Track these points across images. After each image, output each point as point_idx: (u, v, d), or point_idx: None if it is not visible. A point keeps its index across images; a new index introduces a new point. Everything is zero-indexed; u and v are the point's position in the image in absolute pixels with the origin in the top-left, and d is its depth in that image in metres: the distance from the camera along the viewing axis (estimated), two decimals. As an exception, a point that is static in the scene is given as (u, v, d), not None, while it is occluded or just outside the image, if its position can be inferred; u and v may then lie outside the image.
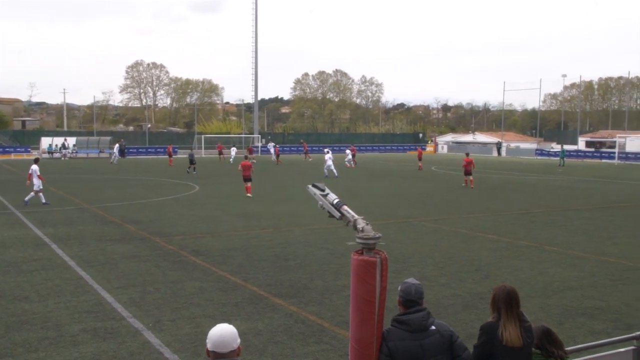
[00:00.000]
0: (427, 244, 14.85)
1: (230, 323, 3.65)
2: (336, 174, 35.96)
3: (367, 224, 4.19)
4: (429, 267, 12.18)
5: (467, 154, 32.27)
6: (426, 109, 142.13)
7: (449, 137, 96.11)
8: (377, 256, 4.03)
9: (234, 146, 59.35)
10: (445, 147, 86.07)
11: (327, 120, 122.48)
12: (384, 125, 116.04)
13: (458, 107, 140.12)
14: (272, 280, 10.96)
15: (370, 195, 26.28)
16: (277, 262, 12.59)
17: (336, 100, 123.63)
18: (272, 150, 53.06)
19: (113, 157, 53.44)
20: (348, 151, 48.43)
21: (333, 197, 4.55)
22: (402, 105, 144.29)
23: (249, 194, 24.92)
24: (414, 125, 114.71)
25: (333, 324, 8.51)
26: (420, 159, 45.08)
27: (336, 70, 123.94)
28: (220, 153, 56.55)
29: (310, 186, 4.78)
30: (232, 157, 54.26)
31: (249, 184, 25.40)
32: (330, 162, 36.87)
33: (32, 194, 22.04)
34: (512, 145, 79.58)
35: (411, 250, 13.97)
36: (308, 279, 11.13)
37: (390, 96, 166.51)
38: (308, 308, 9.25)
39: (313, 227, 17.25)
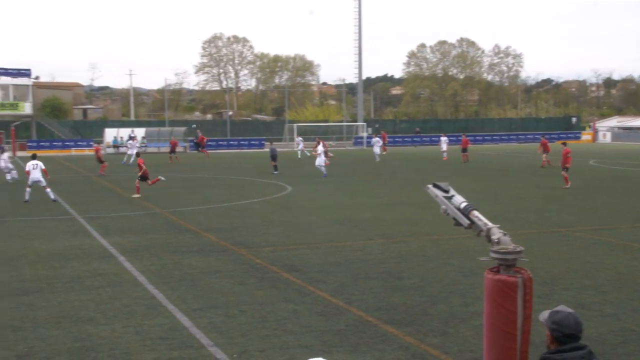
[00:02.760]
0: (584, 260, 14.31)
1: (331, 355, 3.71)
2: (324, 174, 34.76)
3: (504, 235, 4.12)
4: (588, 291, 11.73)
5: (564, 143, 32.06)
6: (581, 85, 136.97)
7: (614, 122, 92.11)
8: (519, 275, 3.94)
9: (299, 137, 59.30)
10: (609, 134, 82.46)
11: (449, 103, 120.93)
12: (524, 107, 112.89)
13: (627, 81, 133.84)
14: (382, 304, 10.98)
15: (506, 198, 25.69)
16: (389, 280, 12.59)
17: (461, 77, 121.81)
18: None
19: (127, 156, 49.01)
20: (299, 139, 55.25)
21: (460, 200, 4.51)
22: (548, 81, 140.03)
23: (137, 195, 26.71)
24: (565, 106, 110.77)
25: (460, 361, 8.40)
26: (546, 150, 41.31)
27: (461, 39, 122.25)
28: (172, 151, 52.09)
29: (430, 186, 4.76)
30: (301, 149, 54.99)
31: (141, 183, 27.22)
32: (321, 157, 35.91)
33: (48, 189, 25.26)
34: None
35: (562, 268, 13.52)
36: (428, 302, 11.06)
37: (532, 70, 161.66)
38: (428, 340, 9.19)
39: (434, 237, 17.10)
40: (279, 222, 19.96)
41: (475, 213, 4.39)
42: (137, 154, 29.86)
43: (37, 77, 77.98)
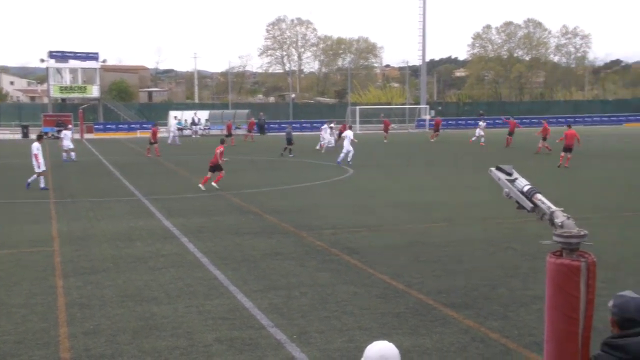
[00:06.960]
0: (652, 246, 13.91)
1: (391, 337, 3.70)
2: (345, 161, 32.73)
3: (568, 218, 4.04)
4: (655, 277, 11.41)
5: (569, 126, 33.08)
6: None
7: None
8: (582, 260, 3.86)
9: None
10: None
11: (514, 85, 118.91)
12: (592, 89, 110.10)
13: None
14: (442, 287, 10.92)
15: (571, 182, 25.14)
16: (450, 264, 12.51)
17: (527, 59, 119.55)
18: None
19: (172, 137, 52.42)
20: (325, 126, 44.41)
21: (523, 183, 4.44)
22: (617, 62, 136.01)
23: (201, 185, 23.64)
24: (635, 88, 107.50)
25: (521, 345, 8.31)
26: (545, 137, 37.95)
27: (528, 20, 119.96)
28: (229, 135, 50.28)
29: (493, 169, 4.69)
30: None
31: (210, 174, 24.04)
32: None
33: (35, 176, 24.11)
34: None
35: (628, 253, 13.21)
36: (488, 286, 10.95)
37: (601, 51, 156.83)
38: (488, 323, 9.11)
39: (497, 221, 16.90)
40: (341, 205, 19.99)
41: (539, 196, 4.31)
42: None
43: (104, 61, 79.32)
